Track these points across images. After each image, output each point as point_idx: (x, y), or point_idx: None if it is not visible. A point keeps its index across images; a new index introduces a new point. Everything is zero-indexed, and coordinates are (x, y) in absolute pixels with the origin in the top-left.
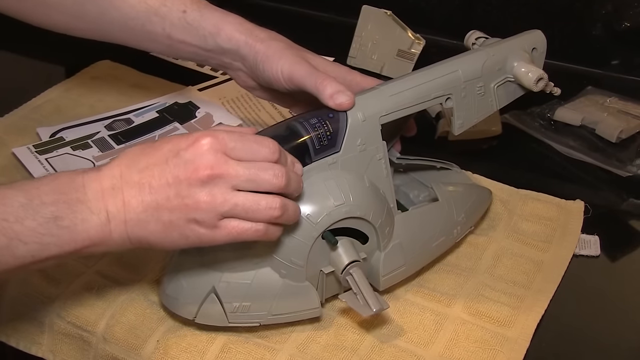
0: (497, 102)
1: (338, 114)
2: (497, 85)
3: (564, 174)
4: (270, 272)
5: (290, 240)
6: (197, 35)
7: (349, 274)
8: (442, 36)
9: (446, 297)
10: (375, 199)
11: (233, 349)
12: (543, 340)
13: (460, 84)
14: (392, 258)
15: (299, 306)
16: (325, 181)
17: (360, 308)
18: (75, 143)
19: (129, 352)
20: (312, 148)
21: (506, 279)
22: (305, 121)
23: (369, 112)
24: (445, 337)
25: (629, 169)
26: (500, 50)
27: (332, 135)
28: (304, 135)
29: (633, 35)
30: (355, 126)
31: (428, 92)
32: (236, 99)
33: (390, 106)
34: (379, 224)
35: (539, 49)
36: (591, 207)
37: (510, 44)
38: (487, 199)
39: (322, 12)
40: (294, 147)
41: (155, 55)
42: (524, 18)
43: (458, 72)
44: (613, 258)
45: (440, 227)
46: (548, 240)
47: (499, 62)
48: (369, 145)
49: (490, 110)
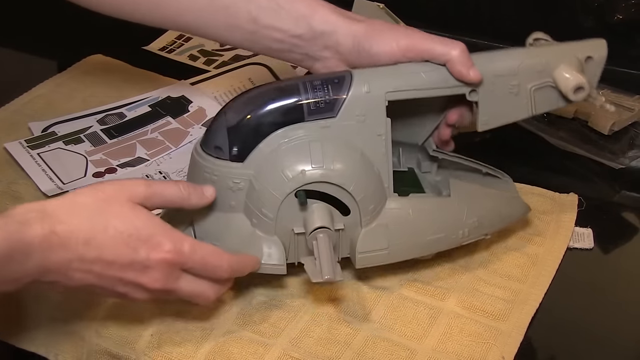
0: (534, 106)
1: (343, 80)
2: (535, 87)
3: (556, 166)
4: (243, 218)
5: (263, 192)
6: (289, 17)
7: (315, 238)
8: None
9: (440, 291)
10: (362, 173)
11: (226, 343)
12: (537, 334)
13: (489, 77)
14: (374, 237)
15: (264, 259)
16: (311, 142)
17: (313, 272)
18: (68, 137)
19: (123, 346)
20: (306, 108)
21: (500, 272)
22: (309, 81)
23: (375, 85)
24: (439, 331)
25: (622, 161)
26: (546, 51)
27: (331, 100)
28: (301, 94)
29: (625, 27)
30: (357, 96)
31: (448, 79)
32: (228, 93)
33: (400, 84)
34: (360, 197)
35: (596, 59)
36: (584, 200)
37: (561, 47)
38: (518, 212)
39: None
40: (290, 103)
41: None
42: (517, 10)
43: (488, 64)
44: (606, 250)
45: (441, 223)
46: (542, 233)
47: (541, 63)
48: (370, 118)
49: (524, 113)
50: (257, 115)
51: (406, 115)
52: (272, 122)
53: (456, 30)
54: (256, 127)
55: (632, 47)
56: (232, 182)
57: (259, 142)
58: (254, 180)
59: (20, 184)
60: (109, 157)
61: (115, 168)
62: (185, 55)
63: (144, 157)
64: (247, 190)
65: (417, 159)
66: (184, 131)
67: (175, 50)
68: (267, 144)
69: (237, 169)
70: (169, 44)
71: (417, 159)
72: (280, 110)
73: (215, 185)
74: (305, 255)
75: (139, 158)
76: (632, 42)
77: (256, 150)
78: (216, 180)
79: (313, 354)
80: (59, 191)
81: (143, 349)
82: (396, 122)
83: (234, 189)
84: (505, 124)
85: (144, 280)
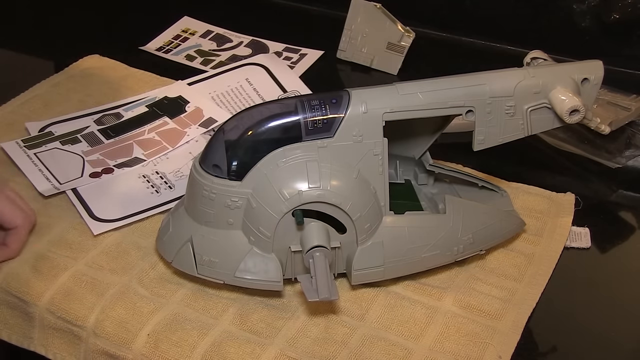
0: (530, 127)
1: (341, 100)
2: (531, 108)
3: (554, 166)
4: (241, 235)
5: (261, 210)
6: None
7: (311, 257)
8: (432, 29)
9: (437, 291)
10: (359, 192)
11: (223, 343)
12: (534, 333)
13: (485, 98)
14: (369, 255)
15: (261, 275)
16: (308, 162)
17: (310, 291)
18: (65, 138)
19: (120, 346)
20: (304, 127)
21: (497, 272)
22: (307, 101)
23: (372, 105)
24: (436, 331)
25: (619, 161)
26: (542, 73)
27: (329, 120)
28: (299, 114)
29: (622, 26)
30: (354, 116)
31: (445, 100)
32: (225, 93)
33: (397, 105)
34: (357, 217)
35: (592, 81)
36: (581, 199)
37: (557, 68)
38: (513, 228)
39: (312, 6)
40: (288, 122)
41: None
42: (513, 10)
43: (485, 86)
44: (603, 250)
45: (436, 240)
46: (539, 233)
47: (537, 85)
48: (367, 138)
49: (520, 133)
50: (255, 134)
51: (403, 130)
52: (270, 141)
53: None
54: (254, 146)
55: (628, 46)
56: (230, 201)
57: (257, 161)
58: (252, 199)
59: (17, 183)
60: (105, 157)
61: (112, 168)
62: (183, 56)
63: (141, 158)
64: (245, 208)
65: (414, 172)
66: (181, 131)
67: (173, 50)
68: (264, 163)
69: (235, 187)
70: (166, 44)
71: (414, 172)
72: (278, 130)
73: (214, 203)
74: (302, 272)
75: (135, 158)
76: (628, 42)
77: (254, 170)
78: (214, 198)
79: (310, 353)
80: (55, 191)
81: (140, 349)
82: (393, 136)
83: (232, 207)
84: (501, 144)
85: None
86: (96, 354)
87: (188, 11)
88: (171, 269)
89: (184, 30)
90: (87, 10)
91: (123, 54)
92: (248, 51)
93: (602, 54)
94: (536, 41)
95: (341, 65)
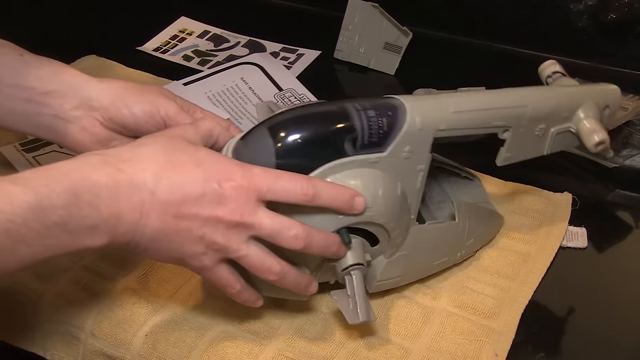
0: (551, 147)
1: (396, 112)
2: (558, 132)
3: (550, 165)
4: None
5: (310, 222)
6: (36, 76)
7: (349, 274)
8: (429, 29)
9: (432, 290)
10: (400, 209)
11: (221, 344)
12: (531, 331)
13: (524, 120)
14: (393, 267)
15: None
16: (362, 178)
17: (348, 312)
18: None
19: (118, 347)
20: (360, 142)
21: (491, 271)
22: (364, 110)
23: (427, 121)
24: (432, 330)
25: (616, 160)
26: (573, 98)
27: (384, 135)
28: (356, 127)
29: (618, 26)
30: (409, 132)
31: (490, 120)
32: (222, 93)
33: (450, 122)
34: (395, 234)
35: (612, 108)
36: (578, 199)
37: (583, 92)
38: (497, 227)
39: (309, 6)
40: (342, 137)
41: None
42: (510, 10)
43: (527, 107)
44: (600, 249)
45: (448, 248)
46: (535, 232)
47: (568, 110)
48: (415, 154)
49: (541, 152)
50: (306, 144)
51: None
52: (321, 157)
53: (450, 29)
54: (305, 157)
55: (625, 46)
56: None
57: (308, 173)
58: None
59: None
60: None
61: None
62: (180, 56)
63: None
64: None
65: None
66: None
67: (170, 50)
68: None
69: None
70: (163, 44)
71: None
72: (331, 142)
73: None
74: (327, 278)
75: None
76: (625, 41)
77: None
78: None
79: (308, 353)
80: None
81: (138, 350)
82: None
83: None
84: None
85: (220, 212)
86: (94, 355)
87: (185, 11)
88: (168, 270)
89: (181, 30)
90: (84, 10)
91: (120, 54)
92: (245, 51)
93: (598, 53)
94: (533, 41)
95: (338, 65)
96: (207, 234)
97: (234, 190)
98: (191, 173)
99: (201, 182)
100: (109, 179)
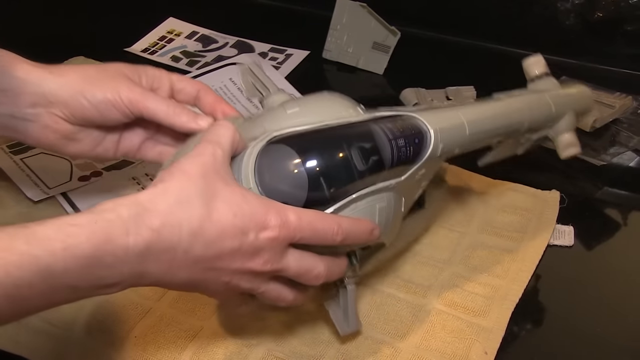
0: (525, 148)
1: (423, 141)
2: (537, 137)
3: (538, 163)
4: None
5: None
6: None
7: (344, 286)
8: (417, 28)
9: (421, 289)
10: (399, 223)
11: (211, 345)
12: (519, 329)
13: (518, 134)
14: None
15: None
16: (379, 203)
17: (339, 322)
18: None
19: (107, 348)
20: (385, 172)
21: (481, 269)
22: (395, 140)
23: (447, 147)
24: (422, 328)
25: (603, 158)
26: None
27: (408, 163)
28: (385, 160)
29: (606, 25)
30: (430, 158)
31: (495, 135)
32: None
33: (464, 146)
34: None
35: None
36: (566, 196)
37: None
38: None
39: (297, 5)
40: (372, 170)
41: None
42: (497, 9)
43: (524, 123)
44: (588, 247)
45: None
46: (523, 230)
47: (553, 120)
48: (426, 175)
49: (512, 153)
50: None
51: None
52: (349, 189)
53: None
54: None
55: (612, 44)
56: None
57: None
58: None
59: (4, 189)
60: (93, 161)
61: (101, 172)
62: (168, 57)
63: (130, 160)
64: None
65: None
66: None
67: (158, 51)
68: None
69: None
70: (151, 45)
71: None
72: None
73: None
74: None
75: (124, 161)
76: (612, 40)
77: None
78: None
79: (297, 353)
80: (45, 196)
81: (127, 351)
82: None
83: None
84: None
85: (253, 264)
86: (82, 357)
87: (173, 12)
88: None
89: (169, 31)
90: (71, 11)
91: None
92: (234, 52)
93: (586, 52)
94: (521, 40)
95: (327, 65)
96: (233, 280)
97: (269, 242)
98: (229, 227)
99: (239, 235)
100: (140, 240)
